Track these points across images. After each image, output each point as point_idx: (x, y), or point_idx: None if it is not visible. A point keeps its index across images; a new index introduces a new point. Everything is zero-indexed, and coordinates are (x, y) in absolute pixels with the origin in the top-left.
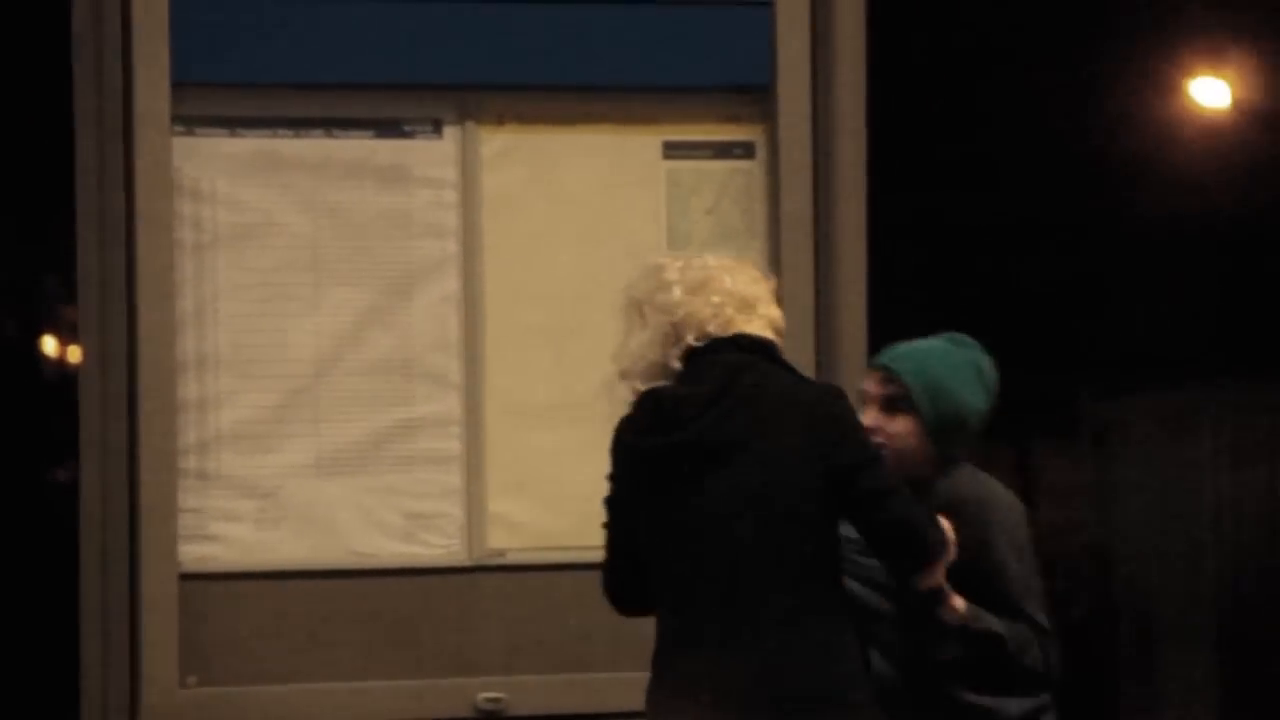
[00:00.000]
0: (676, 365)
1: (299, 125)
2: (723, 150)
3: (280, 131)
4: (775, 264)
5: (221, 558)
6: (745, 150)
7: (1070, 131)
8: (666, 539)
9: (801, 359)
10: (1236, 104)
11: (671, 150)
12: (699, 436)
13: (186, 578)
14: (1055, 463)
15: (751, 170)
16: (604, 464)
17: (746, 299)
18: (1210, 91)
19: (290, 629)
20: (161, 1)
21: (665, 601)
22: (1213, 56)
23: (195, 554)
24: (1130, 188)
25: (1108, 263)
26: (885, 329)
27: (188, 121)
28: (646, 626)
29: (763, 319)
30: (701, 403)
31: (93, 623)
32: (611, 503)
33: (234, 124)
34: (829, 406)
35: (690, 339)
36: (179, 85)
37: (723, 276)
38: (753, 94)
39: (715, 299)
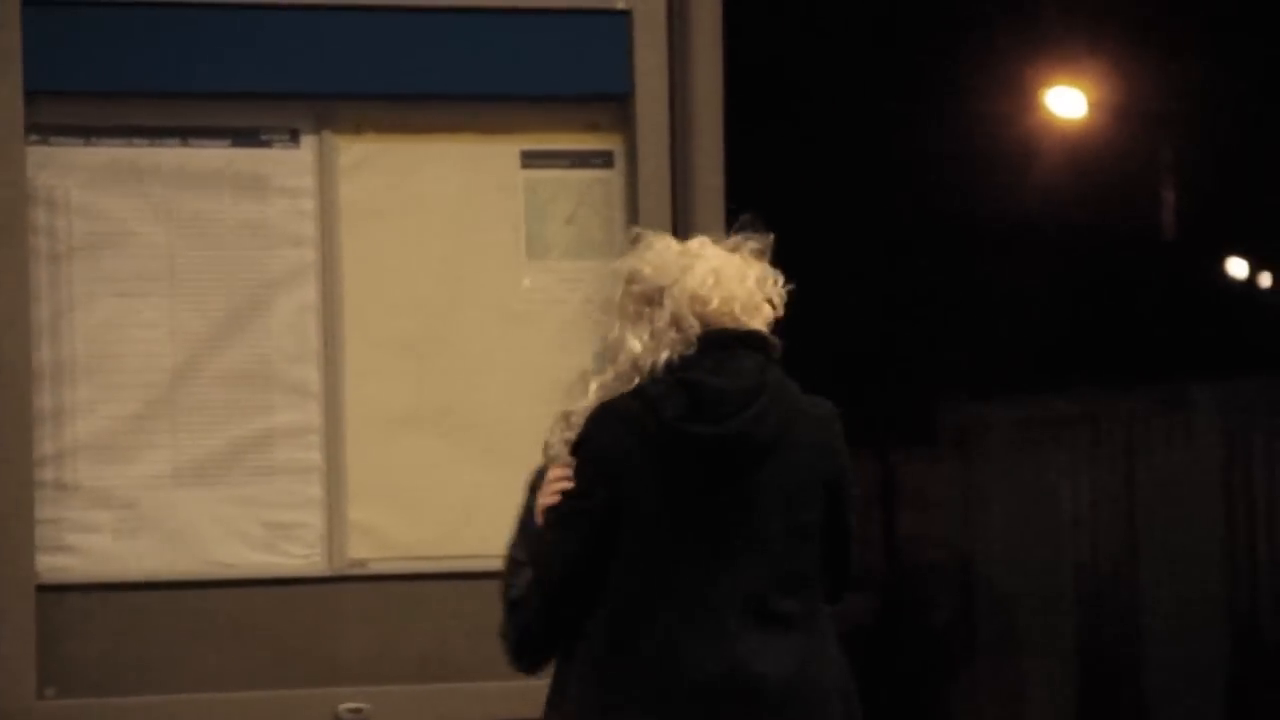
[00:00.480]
0: (685, 354)
1: (155, 134)
2: (581, 159)
3: (136, 140)
4: None
5: (79, 569)
6: (604, 159)
7: (924, 136)
8: (683, 529)
9: None
10: (1091, 110)
11: (530, 159)
12: (744, 430)
13: (44, 589)
14: (915, 469)
15: (610, 179)
16: (467, 473)
17: (754, 294)
18: (1065, 99)
19: (150, 640)
20: (14, 8)
21: (639, 596)
22: (1068, 63)
23: (52, 565)
24: (988, 194)
25: (965, 269)
26: None
27: (42, 130)
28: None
29: (762, 315)
30: (742, 398)
31: None
32: (593, 484)
33: (89, 133)
34: (833, 424)
35: (709, 327)
36: (33, 94)
37: (739, 268)
38: (611, 102)
39: (736, 289)
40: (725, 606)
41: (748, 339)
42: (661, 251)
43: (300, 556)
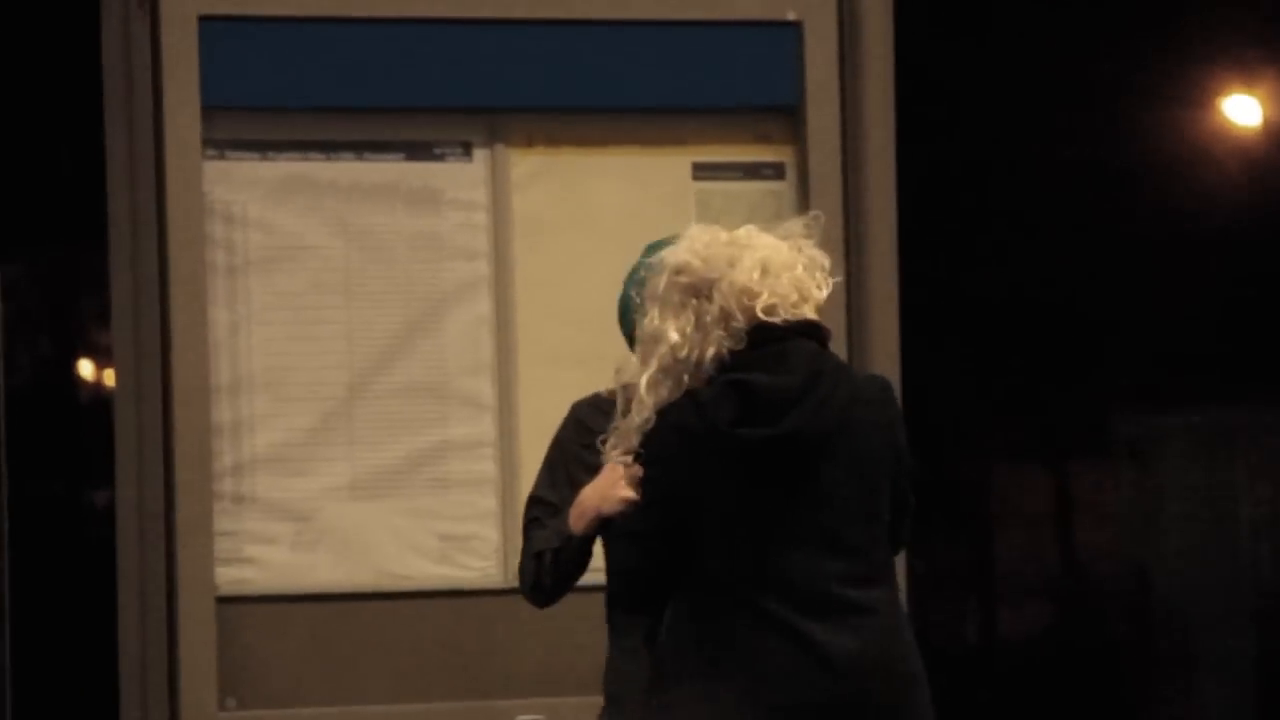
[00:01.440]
0: (735, 349)
1: (330, 149)
2: (752, 171)
3: (312, 155)
4: None
5: (258, 580)
6: (775, 171)
7: (1096, 144)
8: (747, 531)
9: None
10: (1265, 120)
11: (701, 171)
12: (798, 429)
13: (223, 600)
14: (1089, 480)
15: (781, 191)
16: None
17: (804, 282)
18: (1237, 107)
19: (327, 651)
20: (191, 27)
21: (708, 593)
22: (1241, 72)
23: (232, 577)
24: (1161, 202)
25: (1140, 277)
26: (914, 346)
27: (219, 145)
28: None
29: (812, 302)
30: (795, 394)
31: (131, 646)
32: (659, 502)
33: (265, 148)
34: (891, 402)
35: (759, 322)
36: (210, 110)
37: (787, 257)
38: (781, 114)
39: (785, 280)
40: (801, 597)
41: (799, 329)
42: (710, 244)
43: (475, 569)
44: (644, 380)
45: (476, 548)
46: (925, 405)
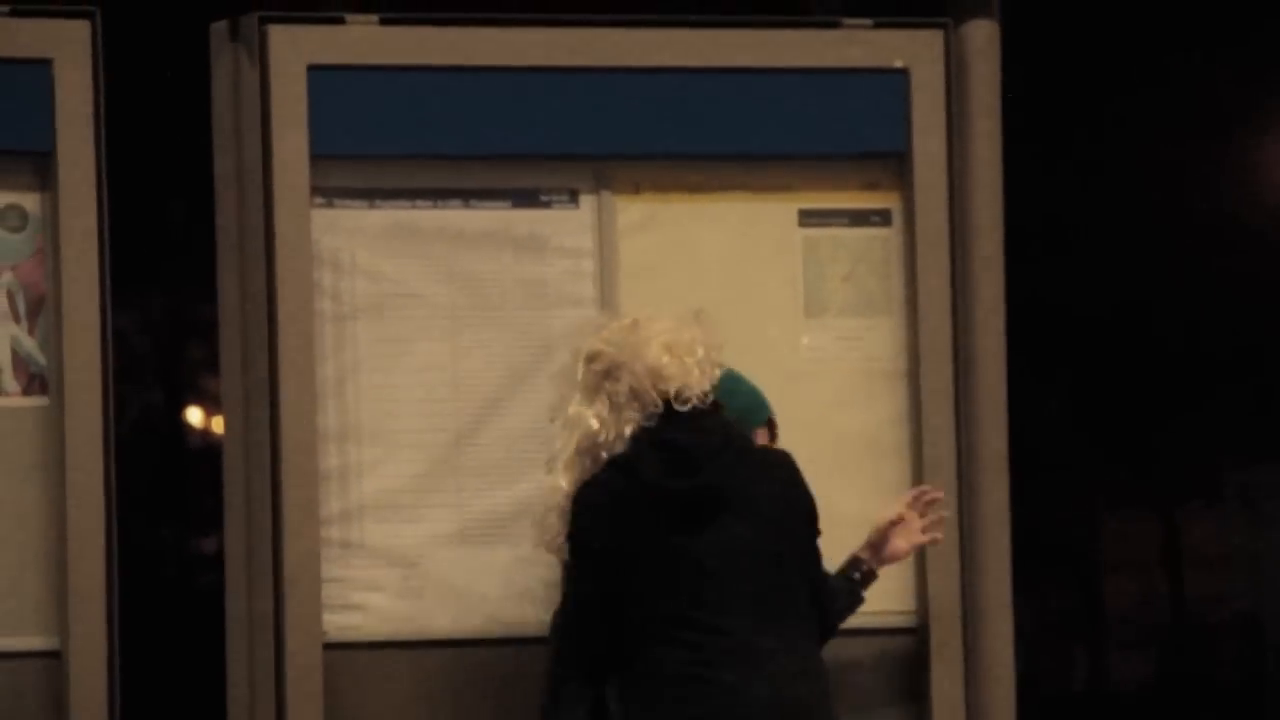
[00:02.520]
0: (648, 425)
1: (437, 196)
2: (859, 218)
3: (419, 203)
4: (913, 332)
5: (365, 627)
6: (882, 218)
7: (1212, 181)
8: (677, 576)
9: (940, 423)
10: None
11: (807, 218)
12: (719, 480)
13: (331, 647)
14: (1200, 528)
15: (888, 237)
16: None
17: (703, 363)
18: None
19: (433, 697)
20: (300, 76)
21: (653, 641)
22: None
23: (339, 623)
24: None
25: (1253, 323)
26: (1021, 390)
27: (327, 194)
28: None
29: (711, 379)
30: (713, 451)
31: (239, 693)
32: (593, 565)
33: (373, 195)
34: (795, 468)
35: (671, 400)
36: (318, 158)
37: (689, 337)
38: (889, 161)
39: (690, 360)
40: (720, 640)
41: (706, 402)
42: (616, 330)
43: None
44: (561, 462)
45: None
46: (1033, 450)
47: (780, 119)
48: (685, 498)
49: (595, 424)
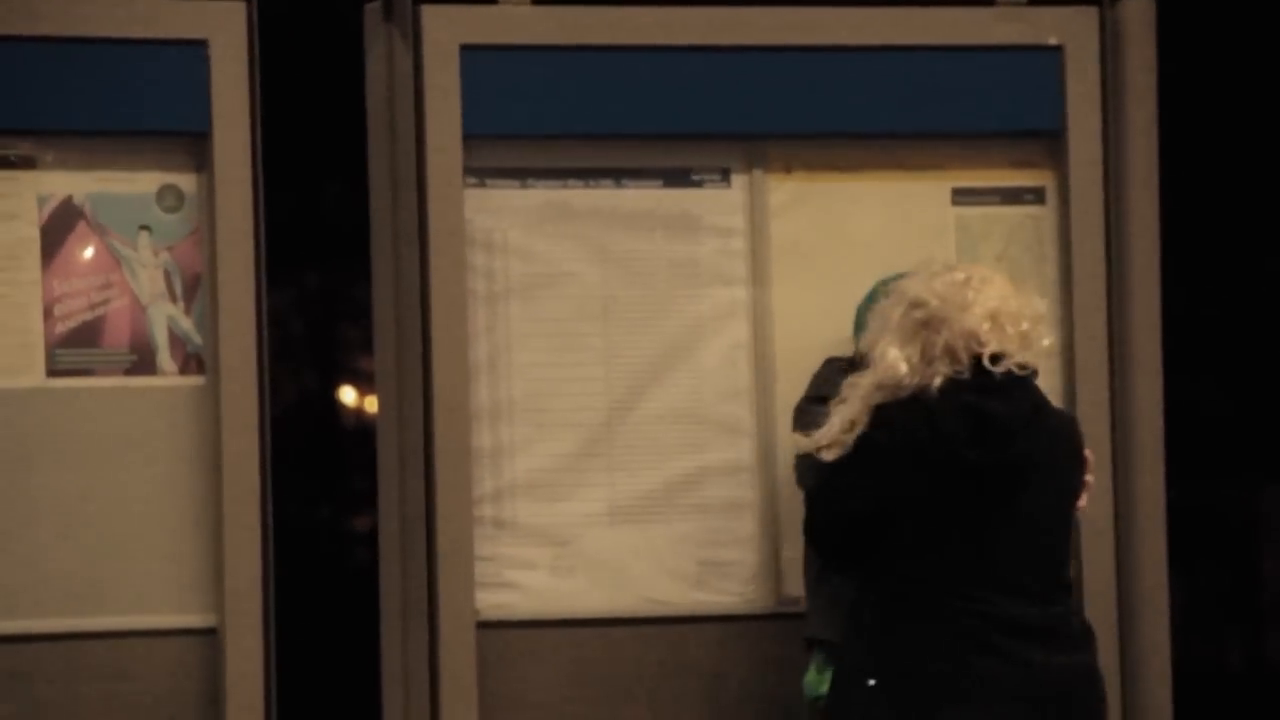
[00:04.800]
0: (958, 377)
1: (588, 176)
2: (1012, 196)
3: (570, 182)
4: (1067, 310)
5: (518, 605)
6: (1035, 196)
7: None
8: (950, 543)
9: (1095, 397)
10: None
11: (960, 197)
12: (1024, 458)
13: (484, 625)
14: None
15: (1042, 216)
16: None
17: (1027, 335)
18: None
19: (586, 676)
20: (452, 56)
21: (921, 601)
22: None
23: (492, 601)
24: None
25: None
26: (1175, 366)
27: (479, 174)
28: None
29: (1033, 351)
30: (1022, 423)
31: (394, 670)
32: (854, 508)
33: (525, 175)
34: (1080, 435)
35: (984, 363)
36: (470, 138)
37: (1016, 308)
38: (1042, 139)
39: (1012, 330)
40: (999, 613)
41: (1020, 372)
42: (948, 283)
43: (735, 594)
44: (860, 389)
45: (736, 573)
46: (1188, 426)
47: (933, 97)
48: (988, 471)
49: (904, 368)
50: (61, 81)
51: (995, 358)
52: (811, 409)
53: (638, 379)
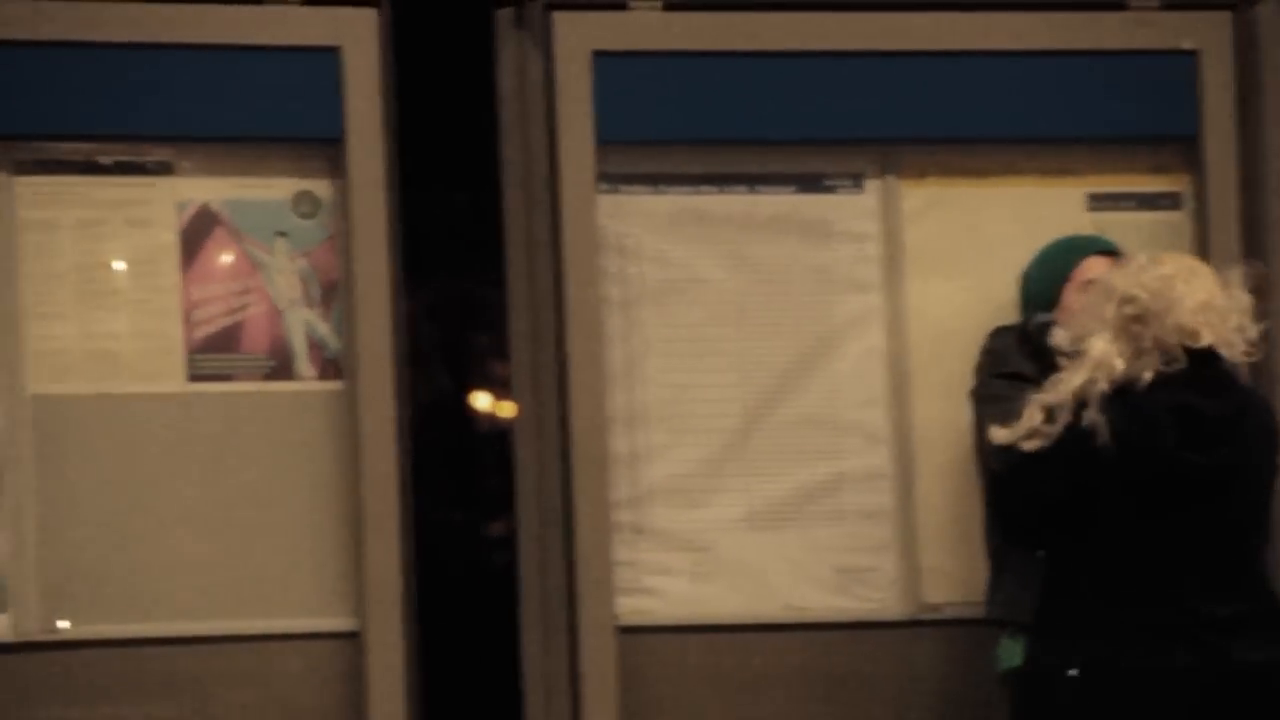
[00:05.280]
0: (1169, 370)
1: (722, 181)
2: (1148, 201)
3: (704, 188)
4: None
5: (657, 611)
6: (1171, 201)
7: None
8: (1145, 537)
9: None
10: None
11: (1096, 202)
12: (1234, 458)
13: (624, 630)
14: None
15: (1178, 221)
16: None
17: (1233, 334)
18: None
19: (725, 682)
20: (585, 62)
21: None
22: None
23: (632, 607)
24: None
25: None
26: None
27: (613, 180)
28: None
29: (1240, 347)
30: (1229, 425)
31: (534, 675)
32: (1070, 477)
33: (658, 181)
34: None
35: (1195, 358)
36: (603, 145)
37: (1224, 302)
38: (1178, 144)
39: (1221, 326)
40: (1192, 605)
41: (1230, 367)
42: (1156, 277)
43: (873, 600)
44: (1071, 379)
45: (874, 579)
46: None
47: (1067, 102)
48: (1196, 471)
49: (1119, 364)
50: (198, 89)
51: (1205, 351)
52: (1000, 389)
53: (773, 384)
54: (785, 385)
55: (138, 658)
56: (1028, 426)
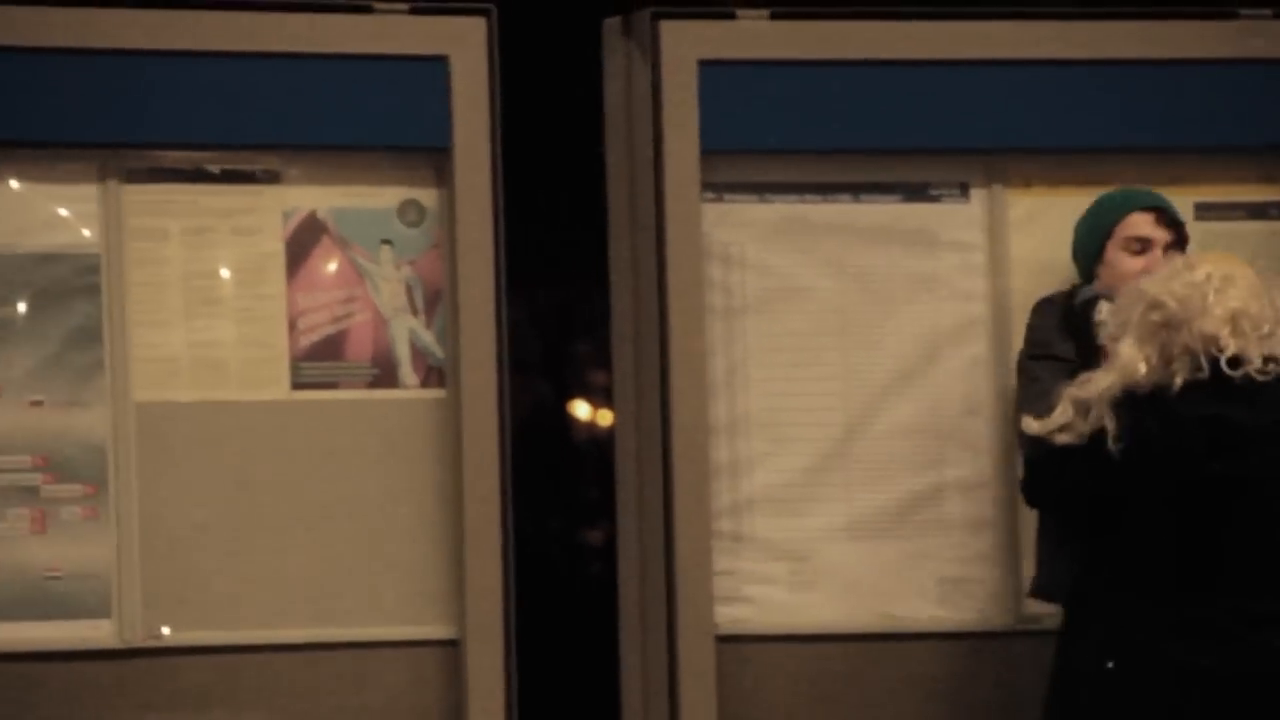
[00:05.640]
0: (1198, 378)
1: (827, 190)
2: (1257, 211)
3: (808, 197)
4: None
5: (756, 620)
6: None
7: None
8: (1201, 531)
9: None
10: None
11: (1204, 211)
12: (1263, 465)
13: (723, 639)
14: None
15: None
16: None
17: (1269, 339)
18: None
19: (825, 692)
20: (691, 71)
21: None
22: None
23: (731, 615)
24: None
25: None
26: None
27: (717, 189)
28: None
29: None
30: (1262, 433)
31: (633, 683)
32: (1098, 476)
33: (763, 190)
34: None
35: (1223, 367)
36: (708, 153)
37: (1258, 311)
38: None
39: (1253, 334)
40: (1228, 600)
41: (1262, 376)
42: (1187, 284)
43: (975, 611)
44: (1101, 381)
45: (976, 590)
46: None
47: (1174, 111)
48: (1225, 481)
49: (1142, 369)
50: (306, 98)
51: (1234, 361)
52: (1039, 371)
53: (875, 393)
54: (888, 394)
55: (239, 665)
56: (1059, 422)
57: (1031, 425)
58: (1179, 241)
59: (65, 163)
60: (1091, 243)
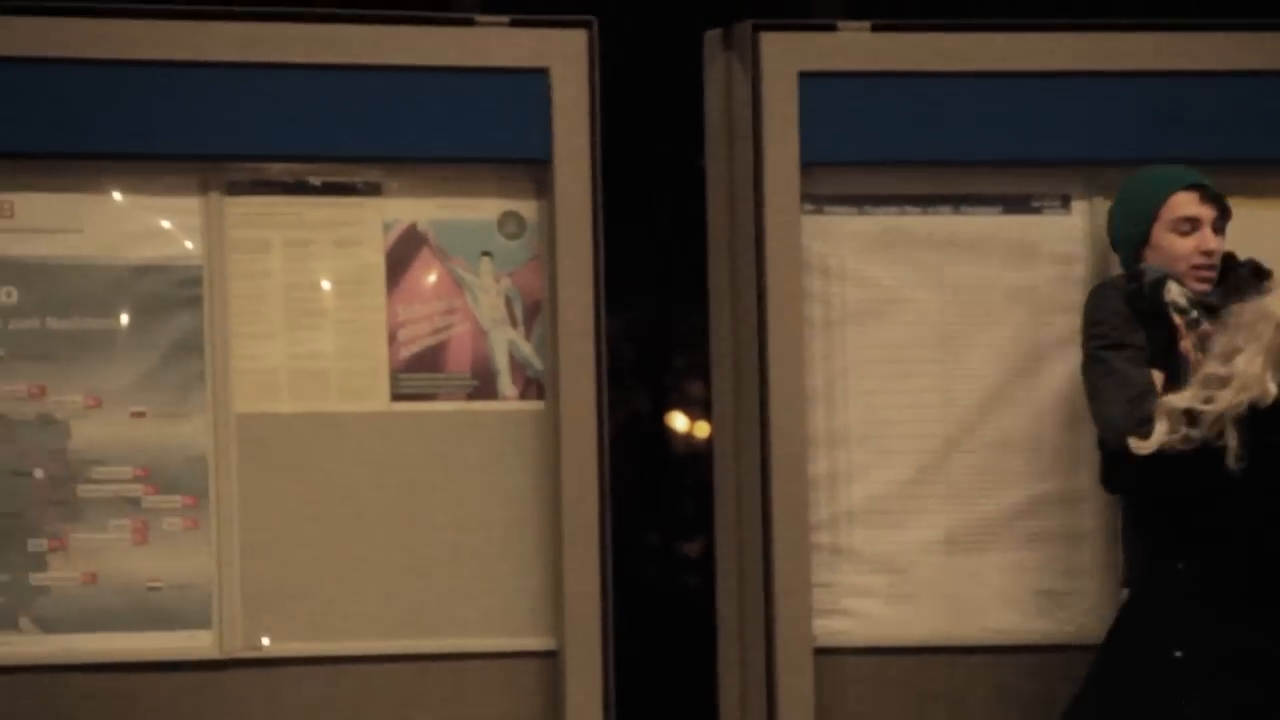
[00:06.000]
0: None
1: (927, 203)
2: None
3: (908, 209)
4: None
5: (855, 632)
6: None
7: None
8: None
9: None
10: None
11: None
12: None
13: (821, 652)
14: None
15: None
16: None
17: None
18: None
19: (923, 705)
20: (791, 84)
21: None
22: None
23: (829, 628)
24: None
25: None
26: None
27: (817, 200)
28: None
29: None
30: None
31: (730, 696)
32: (1198, 483)
33: (862, 202)
34: None
35: None
36: (808, 165)
37: None
38: None
39: None
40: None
41: None
42: None
43: (1074, 624)
44: (1223, 398)
45: (1075, 603)
46: None
47: (1273, 123)
48: None
49: (1273, 389)
50: (407, 110)
51: None
52: (1117, 364)
53: (975, 406)
54: (987, 406)
55: (338, 676)
56: (1166, 440)
57: (1141, 446)
58: (1222, 216)
59: (168, 175)
60: (1136, 228)
